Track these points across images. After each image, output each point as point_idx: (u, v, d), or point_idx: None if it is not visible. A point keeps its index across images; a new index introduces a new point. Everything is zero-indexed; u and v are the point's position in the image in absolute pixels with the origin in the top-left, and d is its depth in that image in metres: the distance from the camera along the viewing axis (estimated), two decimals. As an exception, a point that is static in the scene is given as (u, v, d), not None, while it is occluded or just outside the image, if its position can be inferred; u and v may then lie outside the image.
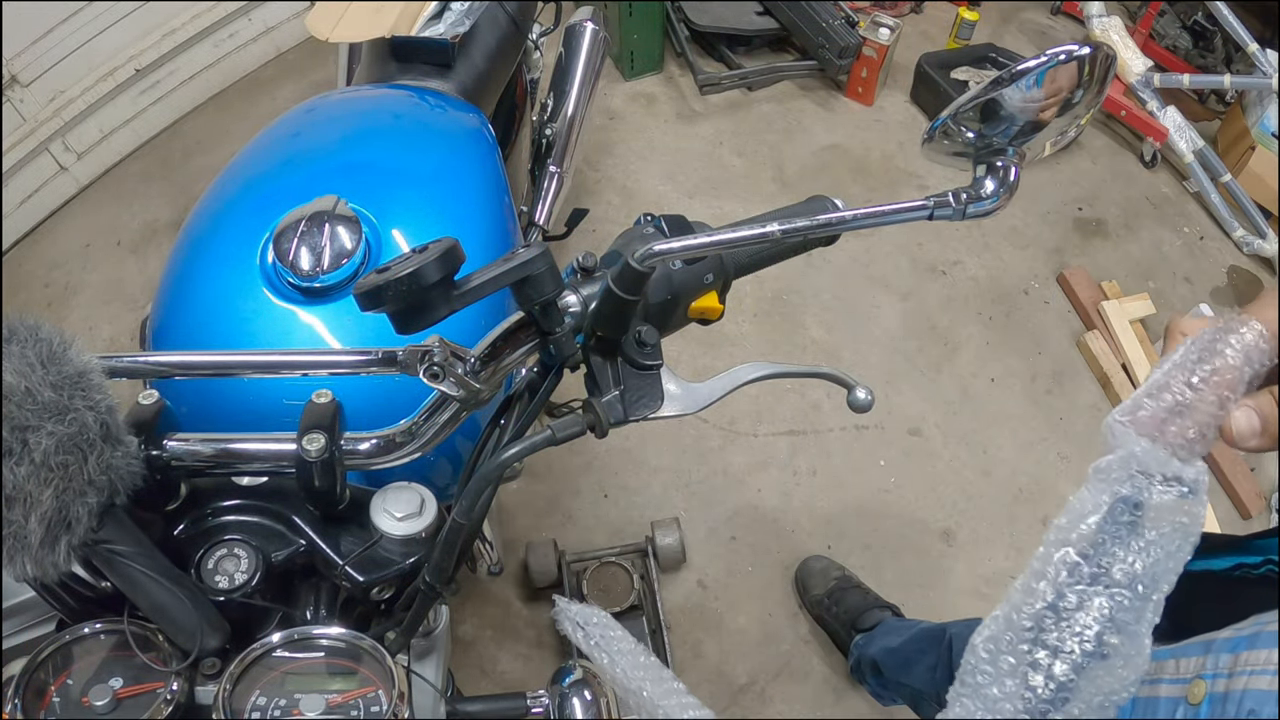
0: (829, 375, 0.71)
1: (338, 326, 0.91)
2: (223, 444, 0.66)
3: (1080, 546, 0.45)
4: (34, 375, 0.52)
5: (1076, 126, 0.63)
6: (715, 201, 2.43)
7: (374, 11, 1.30)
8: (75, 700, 0.60)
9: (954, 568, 1.88)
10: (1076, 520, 0.45)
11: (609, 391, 0.65)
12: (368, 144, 1.10)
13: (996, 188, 0.63)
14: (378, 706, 0.62)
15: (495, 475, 0.62)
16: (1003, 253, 2.41)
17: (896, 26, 2.56)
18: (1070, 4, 2.99)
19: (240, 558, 0.66)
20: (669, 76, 2.74)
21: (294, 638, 0.64)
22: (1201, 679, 0.50)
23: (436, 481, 0.79)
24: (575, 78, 1.76)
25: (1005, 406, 2.12)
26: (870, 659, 1.49)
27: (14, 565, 0.53)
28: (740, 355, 2.14)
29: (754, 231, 0.60)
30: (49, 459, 0.52)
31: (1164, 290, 2.37)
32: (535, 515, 1.87)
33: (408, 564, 0.68)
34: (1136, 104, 2.54)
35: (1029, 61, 0.56)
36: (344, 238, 0.90)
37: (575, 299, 0.65)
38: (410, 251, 0.57)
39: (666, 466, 1.96)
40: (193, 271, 0.97)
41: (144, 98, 2.42)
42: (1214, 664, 0.50)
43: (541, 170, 1.68)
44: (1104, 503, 0.45)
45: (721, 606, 1.79)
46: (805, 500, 1.94)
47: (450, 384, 0.61)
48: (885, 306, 2.26)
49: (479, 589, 1.78)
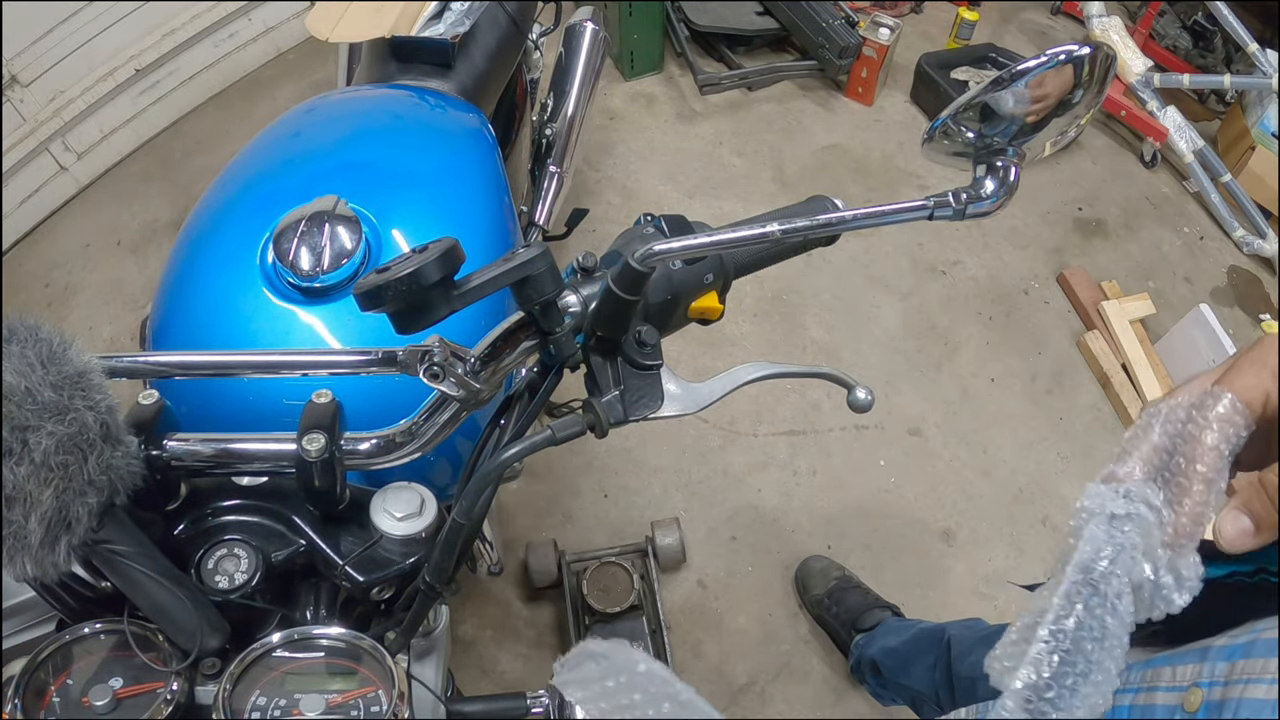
0: (829, 375, 0.71)
1: (338, 326, 0.91)
2: (223, 444, 0.66)
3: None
4: (34, 375, 0.52)
5: (1076, 126, 0.63)
6: (715, 201, 2.43)
7: (374, 11, 1.30)
8: (75, 700, 0.60)
9: (954, 568, 1.88)
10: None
11: (609, 391, 0.65)
12: (368, 144, 1.10)
13: (996, 188, 0.63)
14: (378, 706, 0.62)
15: (495, 475, 0.62)
16: (1003, 253, 2.41)
17: (896, 26, 2.56)
18: (1070, 4, 2.99)
19: (240, 558, 0.66)
20: (669, 76, 2.74)
21: (294, 638, 0.64)
22: (1198, 687, 0.50)
23: (436, 481, 0.79)
24: (575, 78, 1.76)
25: (1005, 406, 2.12)
26: (870, 659, 1.50)
27: (14, 565, 0.53)
28: (740, 355, 2.14)
29: (754, 231, 0.60)
30: (49, 459, 0.52)
31: (1164, 290, 2.37)
32: (535, 515, 1.87)
33: (408, 564, 0.68)
34: (1136, 104, 2.54)
35: (1029, 61, 0.56)
36: (344, 238, 0.90)
37: (575, 299, 0.65)
38: (410, 251, 0.57)
39: (666, 466, 1.96)
40: (193, 271, 0.97)
41: (144, 98, 2.42)
42: (1210, 672, 0.50)
43: (541, 170, 1.68)
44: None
45: (721, 606, 1.79)
46: (805, 500, 1.94)
47: (450, 384, 0.61)
48: (885, 306, 2.26)
49: (479, 589, 1.78)
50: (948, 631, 1.28)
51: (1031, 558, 1.90)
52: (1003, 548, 1.91)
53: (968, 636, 1.24)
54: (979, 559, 1.89)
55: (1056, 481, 2.01)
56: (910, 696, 1.40)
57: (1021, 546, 1.91)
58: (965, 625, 1.30)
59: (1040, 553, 1.91)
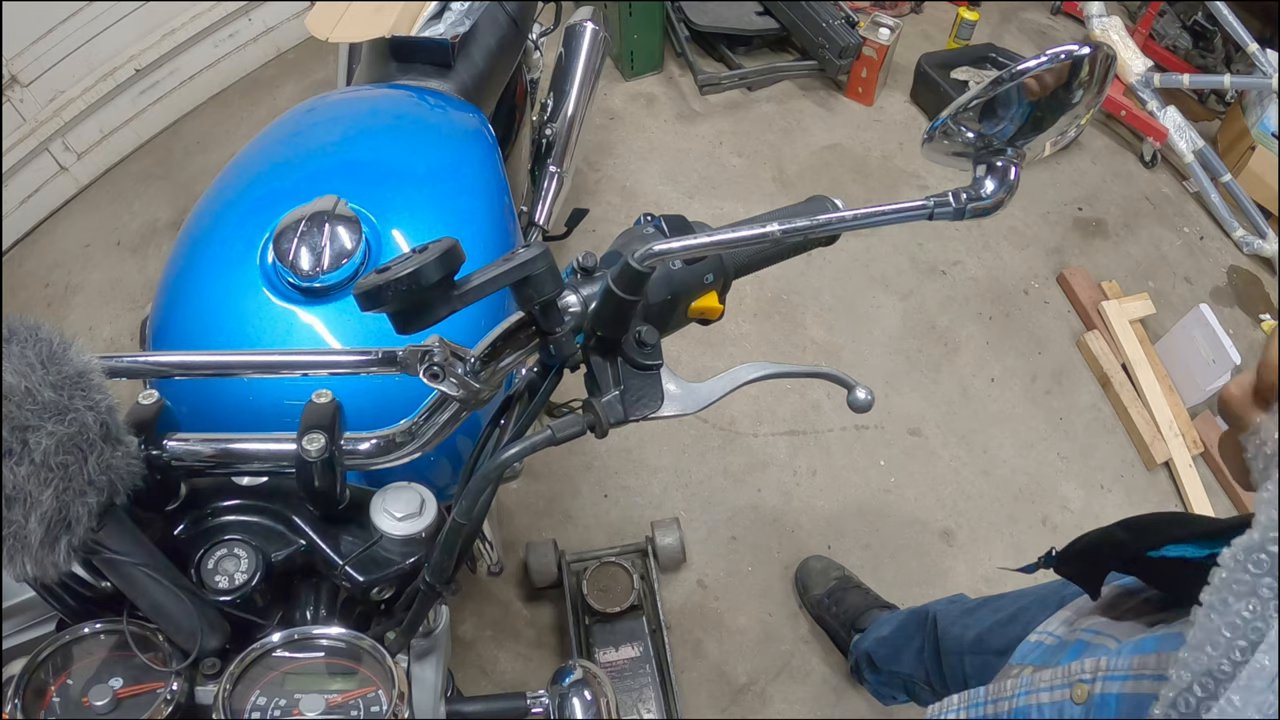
0: (829, 375, 0.70)
1: (338, 326, 0.91)
2: (223, 444, 0.66)
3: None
4: (34, 375, 0.52)
5: (1076, 126, 0.63)
6: (715, 201, 2.43)
7: (374, 11, 1.30)
8: (75, 700, 0.60)
9: (954, 567, 1.88)
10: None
11: (609, 391, 0.65)
12: (368, 144, 1.10)
13: (996, 188, 0.63)
14: (378, 706, 0.62)
15: (495, 475, 0.62)
16: (1003, 253, 2.41)
17: (896, 26, 2.56)
18: (1070, 4, 2.99)
19: (240, 558, 0.66)
20: (669, 76, 2.74)
21: (294, 638, 0.64)
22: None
23: (436, 481, 0.79)
24: (575, 78, 1.76)
25: (1005, 406, 2.12)
26: (865, 652, 1.50)
27: (14, 565, 0.53)
28: (740, 355, 2.14)
29: (754, 231, 0.60)
30: (49, 459, 0.52)
31: (1164, 290, 2.37)
32: (535, 515, 1.87)
33: (408, 564, 0.68)
34: (1136, 104, 2.54)
35: (1029, 61, 0.56)
36: (344, 238, 0.90)
37: (575, 299, 0.65)
38: (410, 251, 0.57)
39: (666, 466, 1.96)
40: (193, 271, 0.97)
41: (144, 98, 2.42)
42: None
43: (541, 170, 1.68)
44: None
45: (721, 606, 1.79)
46: (805, 500, 1.94)
47: (450, 384, 0.61)
48: (885, 306, 2.26)
49: (479, 589, 1.78)
50: (931, 610, 1.28)
51: (1031, 557, 1.88)
52: (1003, 548, 1.91)
53: (951, 611, 1.23)
54: (979, 559, 1.89)
55: (1056, 481, 2.02)
56: (906, 684, 1.40)
57: (1021, 546, 1.91)
58: (949, 601, 1.30)
59: (1040, 552, 1.90)
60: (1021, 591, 1.10)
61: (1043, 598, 1.02)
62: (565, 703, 0.79)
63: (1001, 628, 1.07)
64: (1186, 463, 2.01)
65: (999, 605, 1.13)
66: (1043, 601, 1.00)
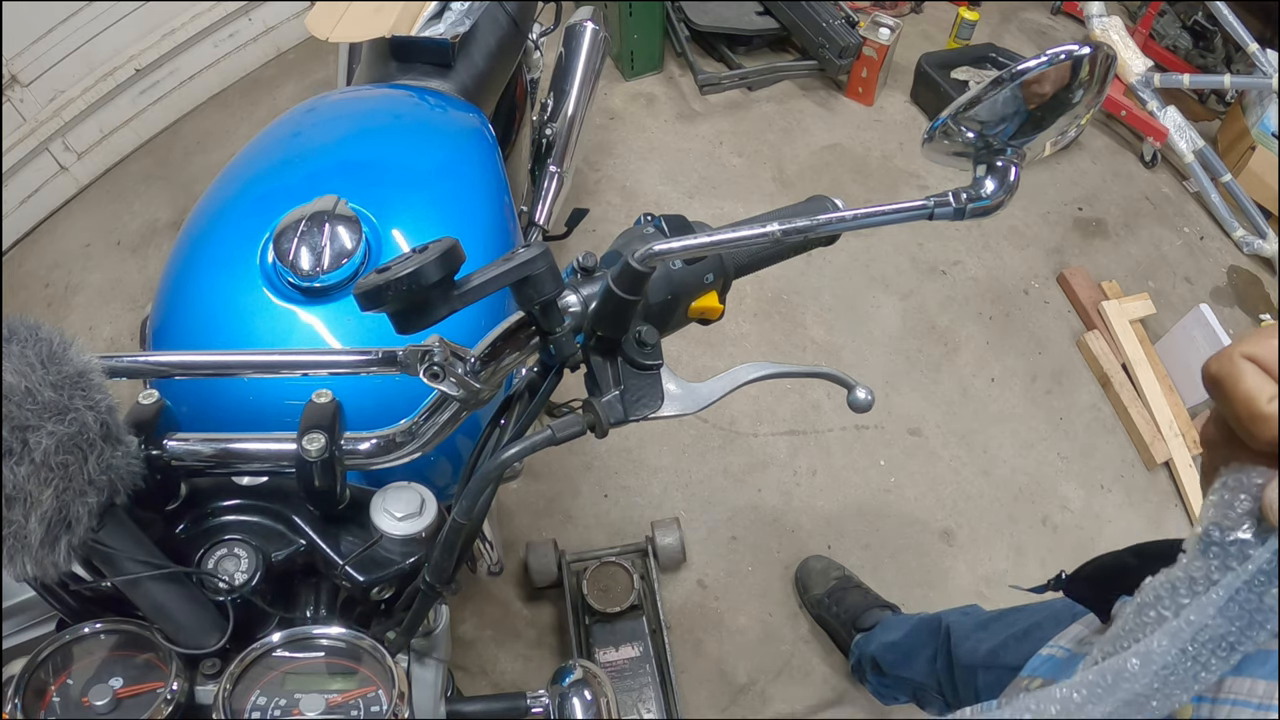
0: (829, 375, 0.70)
1: (338, 326, 0.91)
2: (223, 444, 0.66)
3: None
4: (34, 375, 0.52)
5: (1076, 126, 0.63)
6: (715, 201, 2.43)
7: (374, 11, 1.30)
8: (75, 700, 0.60)
9: (954, 567, 1.88)
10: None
11: (609, 391, 0.65)
12: (368, 144, 1.10)
13: (996, 188, 0.63)
14: (378, 706, 0.62)
15: (495, 475, 0.62)
16: (1003, 253, 2.41)
17: (896, 26, 2.56)
18: (1070, 4, 2.99)
19: (240, 558, 0.66)
20: (669, 76, 2.74)
21: (294, 637, 0.64)
22: (1189, 701, 0.50)
23: (436, 481, 0.79)
24: (575, 78, 1.76)
25: (1005, 406, 2.12)
26: (870, 655, 1.50)
27: (14, 565, 0.53)
28: (740, 355, 2.14)
29: (754, 231, 0.60)
30: (49, 459, 0.52)
31: (1164, 290, 2.37)
32: (535, 515, 1.87)
33: (408, 564, 0.68)
34: (1136, 104, 2.54)
35: (1029, 61, 0.56)
36: (344, 238, 0.90)
37: (575, 299, 0.65)
38: (410, 251, 0.57)
39: (666, 466, 1.96)
40: (193, 271, 0.97)
41: (144, 98, 2.42)
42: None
43: (541, 170, 1.68)
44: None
45: (721, 606, 1.79)
46: (805, 500, 1.94)
47: (450, 384, 0.61)
48: (885, 306, 2.26)
49: (479, 589, 1.78)
50: (945, 620, 1.29)
51: (1031, 558, 1.90)
52: (1003, 548, 1.91)
53: (965, 623, 1.24)
54: (979, 559, 1.89)
55: (1056, 481, 2.01)
56: (912, 690, 1.40)
57: (1021, 546, 1.91)
58: (963, 613, 1.30)
59: (1040, 553, 1.91)
60: (1035, 606, 1.11)
61: (1056, 613, 1.02)
62: (565, 703, 0.79)
63: (1016, 643, 1.08)
64: (1186, 463, 2.02)
65: (1013, 620, 1.14)
66: (1056, 617, 1.01)
